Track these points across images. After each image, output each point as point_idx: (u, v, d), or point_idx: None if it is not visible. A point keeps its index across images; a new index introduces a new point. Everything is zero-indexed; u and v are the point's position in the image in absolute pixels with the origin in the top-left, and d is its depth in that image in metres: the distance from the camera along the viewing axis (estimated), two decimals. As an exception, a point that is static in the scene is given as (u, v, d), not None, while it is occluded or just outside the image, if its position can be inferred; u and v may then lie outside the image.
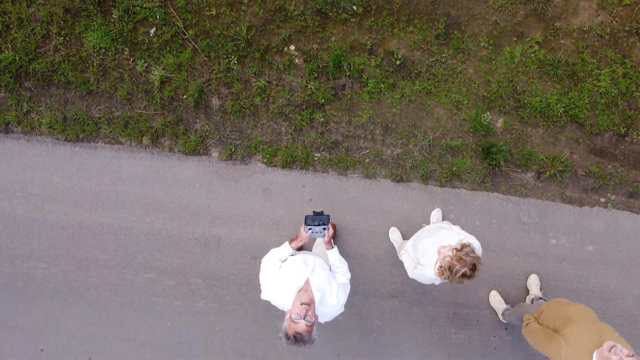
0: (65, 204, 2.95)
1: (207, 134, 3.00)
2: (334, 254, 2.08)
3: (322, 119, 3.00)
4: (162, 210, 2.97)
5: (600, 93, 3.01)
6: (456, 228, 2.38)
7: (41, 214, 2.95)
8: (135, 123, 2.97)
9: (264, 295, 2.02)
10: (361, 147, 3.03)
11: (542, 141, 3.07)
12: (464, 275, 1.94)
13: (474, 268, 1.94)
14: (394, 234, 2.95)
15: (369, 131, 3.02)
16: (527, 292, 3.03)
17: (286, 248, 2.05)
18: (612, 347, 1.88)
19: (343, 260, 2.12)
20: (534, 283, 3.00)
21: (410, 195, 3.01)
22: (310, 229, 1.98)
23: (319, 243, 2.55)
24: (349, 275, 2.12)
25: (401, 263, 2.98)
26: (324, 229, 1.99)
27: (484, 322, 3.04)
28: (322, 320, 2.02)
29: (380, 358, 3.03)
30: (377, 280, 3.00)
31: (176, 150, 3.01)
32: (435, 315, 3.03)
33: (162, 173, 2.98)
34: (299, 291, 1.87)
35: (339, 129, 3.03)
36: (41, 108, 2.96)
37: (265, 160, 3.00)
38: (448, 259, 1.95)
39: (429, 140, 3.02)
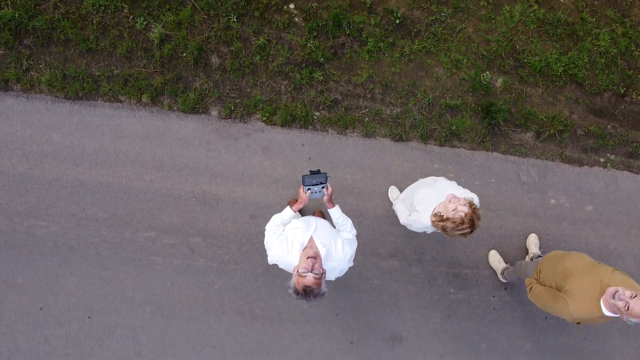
0: (64, 161, 2.95)
1: (206, 92, 3.00)
2: (336, 211, 2.07)
3: (322, 78, 3.00)
4: (162, 168, 2.97)
5: (600, 52, 3.01)
6: (453, 183, 2.38)
7: (40, 172, 2.95)
8: (135, 81, 2.97)
9: (270, 260, 2.01)
10: (361, 106, 3.03)
11: (542, 101, 3.07)
12: (463, 235, 1.92)
13: (472, 232, 1.93)
14: (394, 193, 2.95)
15: (369, 90, 3.02)
16: (526, 251, 3.03)
17: (288, 212, 2.03)
18: (615, 293, 1.86)
19: (346, 217, 2.11)
20: (533, 242, 3.00)
21: (410, 154, 3.01)
22: (309, 188, 1.96)
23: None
24: (354, 231, 2.11)
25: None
26: (323, 187, 1.98)
27: (483, 282, 3.04)
28: (332, 276, 2.01)
29: (379, 317, 3.03)
30: (376, 239, 2.99)
31: (175, 108, 3.00)
32: (435, 275, 3.03)
33: (162, 131, 2.98)
34: (304, 249, 1.87)
35: (338, 87, 3.03)
36: (41, 66, 2.95)
37: (264, 119, 3.00)
38: (461, 214, 1.89)
39: (429, 100, 3.02)
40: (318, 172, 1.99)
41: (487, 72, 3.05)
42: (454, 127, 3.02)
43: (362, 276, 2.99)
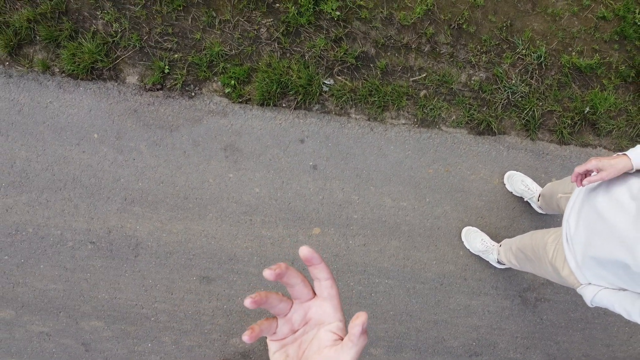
0: None
1: (116, 38, 1.57)
2: None
3: (338, 13, 1.58)
4: (27, 185, 1.54)
5: None
6: None
7: None
8: (-24, 16, 1.54)
9: None
10: (411, 68, 1.61)
11: None
12: None
13: None
14: (475, 240, 1.52)
15: (426, 37, 1.61)
16: None
17: None
18: None
19: None
20: None
21: (505, 159, 1.60)
22: None
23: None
24: None
25: (488, 299, 1.57)
26: None
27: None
28: None
29: None
30: (441, 326, 1.58)
31: (56, 69, 1.57)
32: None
33: (29, 115, 1.55)
34: None
35: (369, 31, 1.61)
36: None
37: (228, 91, 1.58)
38: None
39: (540, 56, 1.60)
40: None
41: (647, 6, 1.64)
42: (587, 109, 1.61)
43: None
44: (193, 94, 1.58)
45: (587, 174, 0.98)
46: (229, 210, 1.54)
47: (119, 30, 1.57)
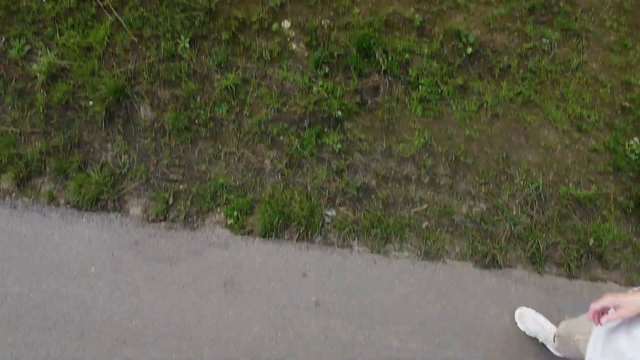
0: None
1: (124, 170, 1.61)
2: None
3: (340, 146, 1.64)
4: (15, 323, 1.46)
5: None
6: None
7: None
8: (-10, 150, 1.60)
9: None
10: (412, 199, 1.63)
11: None
12: None
13: None
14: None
15: (425, 169, 1.65)
16: None
17: None
18: None
19: None
20: None
21: (514, 295, 1.54)
22: None
23: None
24: None
25: None
26: None
27: None
28: None
29: None
30: None
31: (62, 201, 1.59)
32: None
33: (28, 248, 1.53)
34: None
35: (370, 164, 1.66)
36: None
37: (231, 223, 1.58)
38: None
39: (537, 187, 1.63)
40: None
41: (636, 139, 1.71)
42: (591, 241, 1.60)
43: None
44: (195, 225, 1.58)
45: (604, 311, 0.92)
46: (225, 352, 1.45)
47: (127, 162, 1.62)
